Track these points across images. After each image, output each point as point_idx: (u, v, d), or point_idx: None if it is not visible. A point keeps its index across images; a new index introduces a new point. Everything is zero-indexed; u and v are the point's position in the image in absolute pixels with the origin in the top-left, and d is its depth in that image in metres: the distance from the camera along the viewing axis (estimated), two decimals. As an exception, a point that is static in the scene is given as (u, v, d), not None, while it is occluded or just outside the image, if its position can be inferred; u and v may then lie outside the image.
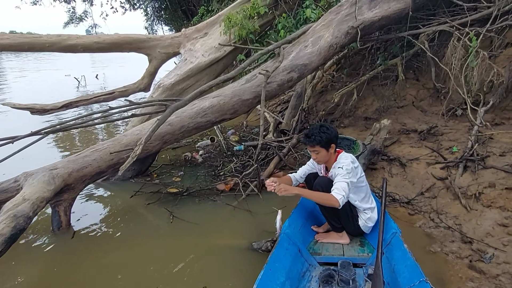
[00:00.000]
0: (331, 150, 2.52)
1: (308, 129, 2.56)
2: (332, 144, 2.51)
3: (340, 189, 2.34)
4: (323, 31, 4.25)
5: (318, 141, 2.45)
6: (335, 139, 2.52)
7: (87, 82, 13.49)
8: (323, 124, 2.55)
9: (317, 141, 2.45)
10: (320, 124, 2.54)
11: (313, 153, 2.56)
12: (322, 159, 2.56)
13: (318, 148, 2.49)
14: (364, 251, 2.68)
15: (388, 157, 4.14)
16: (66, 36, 4.57)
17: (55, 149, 5.98)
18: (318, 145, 2.47)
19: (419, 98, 5.04)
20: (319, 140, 2.45)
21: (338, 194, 2.32)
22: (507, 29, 4.48)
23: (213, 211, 3.57)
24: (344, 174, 2.42)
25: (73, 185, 3.31)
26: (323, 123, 2.56)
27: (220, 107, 3.91)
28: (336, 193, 2.33)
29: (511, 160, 3.32)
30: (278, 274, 2.31)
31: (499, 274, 2.39)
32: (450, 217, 3.07)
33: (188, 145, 5.61)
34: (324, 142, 2.46)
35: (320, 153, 2.51)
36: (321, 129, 2.47)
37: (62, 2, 16.37)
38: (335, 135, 2.52)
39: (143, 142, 2.70)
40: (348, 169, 2.43)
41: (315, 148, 2.49)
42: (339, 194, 2.32)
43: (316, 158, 2.58)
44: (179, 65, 4.78)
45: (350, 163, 2.48)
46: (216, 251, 2.93)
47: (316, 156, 2.55)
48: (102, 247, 3.08)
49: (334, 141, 2.51)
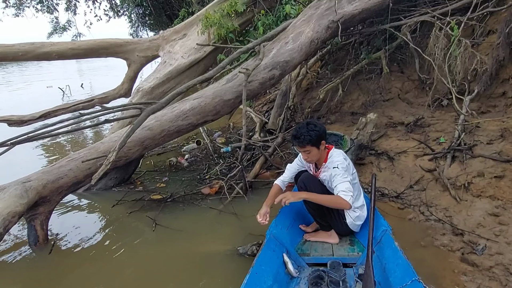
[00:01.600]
0: (322, 147, 2.40)
1: (295, 129, 2.41)
2: (323, 141, 2.38)
3: (347, 190, 2.27)
4: (304, 27, 4.16)
5: (308, 141, 2.31)
6: (324, 134, 2.40)
7: (72, 92, 13.23)
8: (310, 121, 2.40)
9: (307, 141, 2.31)
10: (306, 122, 2.39)
11: (304, 154, 2.42)
12: (314, 158, 2.44)
13: (309, 148, 2.35)
14: (354, 250, 2.59)
15: (376, 151, 4.07)
16: (40, 43, 4.42)
17: (44, 160, 5.75)
18: (309, 144, 2.33)
19: (405, 90, 4.99)
20: (309, 139, 2.31)
21: (346, 195, 2.25)
22: (488, 16, 4.45)
23: (197, 216, 3.45)
24: (342, 173, 2.32)
25: (49, 198, 3.15)
26: (309, 120, 2.42)
27: (201, 109, 3.79)
28: (344, 194, 2.25)
29: (499, 148, 3.27)
30: (264, 277, 2.20)
31: (492, 266, 2.32)
32: (440, 209, 3.00)
33: (174, 150, 5.47)
34: (314, 141, 2.32)
35: (312, 152, 2.38)
36: (308, 127, 2.32)
37: (45, 12, 16.13)
38: (324, 131, 2.39)
39: (117, 149, 2.57)
40: (344, 167, 2.35)
41: (306, 148, 2.35)
42: (347, 195, 2.25)
43: (308, 158, 2.44)
44: (158, 68, 4.65)
45: (343, 160, 2.38)
46: (200, 258, 2.82)
47: (308, 156, 2.41)
48: (82, 262, 2.94)
49: (323, 137, 2.38)
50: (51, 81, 15.42)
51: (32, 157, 5.54)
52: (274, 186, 2.71)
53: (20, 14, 15.73)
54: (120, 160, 3.50)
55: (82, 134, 7.25)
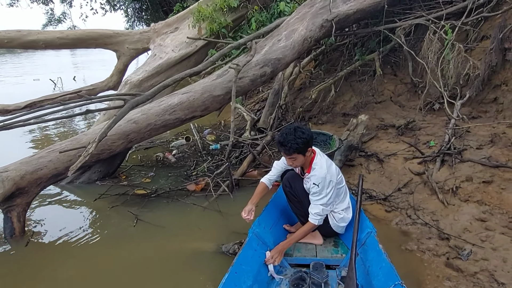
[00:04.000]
0: (308, 154, 2.33)
1: (281, 135, 2.28)
2: (309, 148, 2.31)
3: (316, 215, 2.36)
4: (297, 25, 4.10)
5: (295, 149, 2.23)
6: (311, 140, 2.32)
7: (64, 84, 13.03)
8: (298, 127, 2.28)
9: (294, 149, 2.23)
10: (294, 128, 2.26)
11: (289, 160, 2.34)
12: (298, 164, 2.37)
13: (295, 155, 2.28)
14: (338, 252, 2.54)
15: (365, 153, 4.02)
16: (27, 31, 4.30)
17: (32, 153, 5.60)
18: (295, 152, 2.25)
19: (397, 93, 4.96)
20: (296, 148, 2.22)
21: (315, 219, 2.36)
22: (483, 21, 4.44)
23: (181, 213, 3.37)
24: (318, 193, 2.32)
25: (27, 189, 3.05)
26: (297, 125, 2.31)
27: (189, 104, 3.71)
28: (313, 219, 2.37)
29: (488, 153, 3.24)
30: (244, 277, 2.14)
31: (477, 271, 2.28)
32: (427, 213, 2.95)
33: (162, 145, 5.37)
34: (301, 149, 2.24)
35: (297, 159, 2.30)
36: (296, 134, 2.22)
37: (40, 3, 15.90)
38: (311, 137, 2.31)
39: (96, 140, 2.48)
40: (324, 184, 2.31)
41: (292, 155, 2.28)
42: (316, 219, 2.36)
43: (293, 164, 2.38)
44: (148, 61, 4.55)
45: (324, 176, 2.30)
46: (180, 255, 2.74)
47: (293, 162, 2.34)
48: (59, 256, 2.85)
49: (310, 144, 2.31)
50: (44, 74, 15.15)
51: (21, 150, 5.37)
52: (260, 184, 2.64)
53: (14, 3, 15.54)
54: (103, 153, 3.41)
55: (73, 126, 7.12)
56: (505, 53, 3.92)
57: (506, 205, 2.72)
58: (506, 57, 3.92)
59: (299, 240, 2.48)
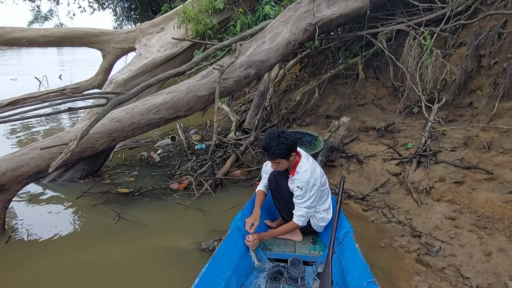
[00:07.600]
0: (292, 158, 2.39)
1: (266, 140, 2.34)
2: (293, 153, 2.37)
3: (300, 217, 2.46)
4: (281, 28, 4.19)
5: (278, 154, 2.30)
6: (295, 145, 2.38)
7: (49, 83, 12.86)
8: (281, 133, 2.33)
9: (277, 154, 2.30)
10: (277, 133, 2.32)
11: (273, 164, 2.42)
12: (283, 168, 2.45)
13: (278, 160, 2.35)
14: (315, 249, 2.61)
15: (346, 154, 4.13)
16: (10, 28, 4.28)
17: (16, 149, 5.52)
18: (279, 157, 2.33)
19: (379, 97, 5.09)
20: (279, 153, 2.29)
21: (299, 221, 2.47)
22: (461, 29, 4.60)
23: (163, 211, 3.41)
24: (302, 195, 2.39)
25: (7, 186, 3.04)
26: (281, 130, 2.37)
27: (174, 103, 3.75)
28: (297, 220, 2.47)
29: (461, 155, 3.37)
30: (224, 268, 2.19)
31: (445, 267, 2.38)
32: (402, 212, 3.07)
33: (147, 145, 5.39)
34: (284, 154, 2.31)
35: (281, 163, 2.38)
36: (279, 140, 2.27)
37: (26, 0, 15.64)
38: (295, 142, 2.37)
39: (78, 137, 2.50)
40: (307, 187, 2.37)
41: (276, 160, 2.36)
42: (300, 220, 2.46)
43: (277, 168, 2.45)
44: (133, 61, 4.57)
45: (307, 179, 2.36)
46: (160, 252, 2.78)
47: (277, 166, 2.42)
48: (39, 253, 2.85)
49: (294, 149, 2.37)
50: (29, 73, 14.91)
51: (4, 147, 5.29)
52: (257, 193, 2.70)
53: (-1, -1, 15.23)
54: (86, 151, 3.42)
55: (57, 125, 7.06)
56: (480, 60, 4.08)
57: (475, 204, 2.85)
58: (481, 63, 4.07)
59: (280, 235, 2.60)
